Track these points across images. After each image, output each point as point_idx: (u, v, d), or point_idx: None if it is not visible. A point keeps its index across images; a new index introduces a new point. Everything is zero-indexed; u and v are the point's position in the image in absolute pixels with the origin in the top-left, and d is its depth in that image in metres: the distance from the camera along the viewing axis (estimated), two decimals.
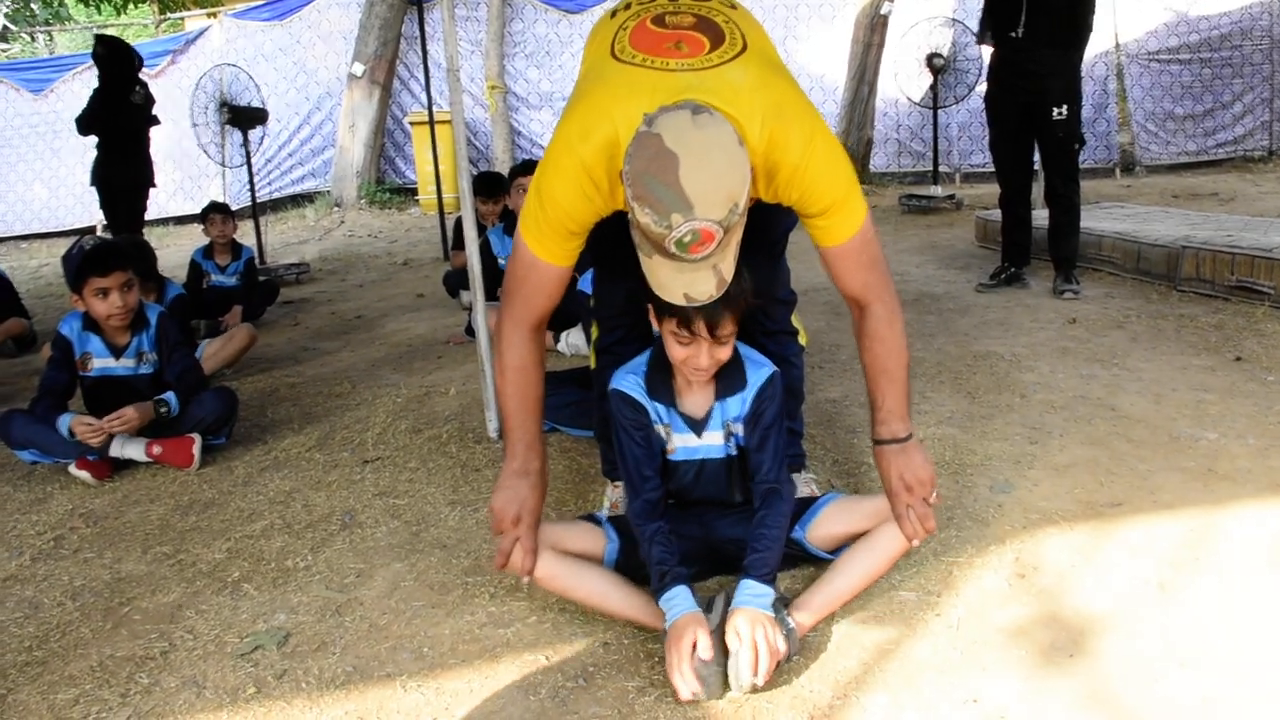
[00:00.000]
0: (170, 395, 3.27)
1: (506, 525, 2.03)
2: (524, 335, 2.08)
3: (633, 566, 2.09)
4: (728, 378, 2.08)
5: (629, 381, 2.12)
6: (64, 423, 3.14)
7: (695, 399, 2.11)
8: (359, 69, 10.87)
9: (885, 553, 2.05)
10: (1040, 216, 5.10)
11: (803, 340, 2.60)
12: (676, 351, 1.99)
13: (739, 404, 2.10)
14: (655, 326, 2.03)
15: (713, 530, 2.17)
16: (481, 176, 5.65)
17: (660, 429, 2.12)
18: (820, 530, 2.15)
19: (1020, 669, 1.82)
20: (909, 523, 1.99)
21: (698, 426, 2.12)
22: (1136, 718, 1.67)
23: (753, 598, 1.85)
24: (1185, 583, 2.08)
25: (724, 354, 2.00)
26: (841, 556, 2.08)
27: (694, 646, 1.76)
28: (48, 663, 2.07)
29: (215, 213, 5.88)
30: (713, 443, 2.13)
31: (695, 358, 1.96)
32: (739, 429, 2.11)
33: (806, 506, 2.19)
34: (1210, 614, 1.96)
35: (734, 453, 2.14)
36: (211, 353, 4.35)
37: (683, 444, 2.13)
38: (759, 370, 2.11)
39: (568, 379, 3.43)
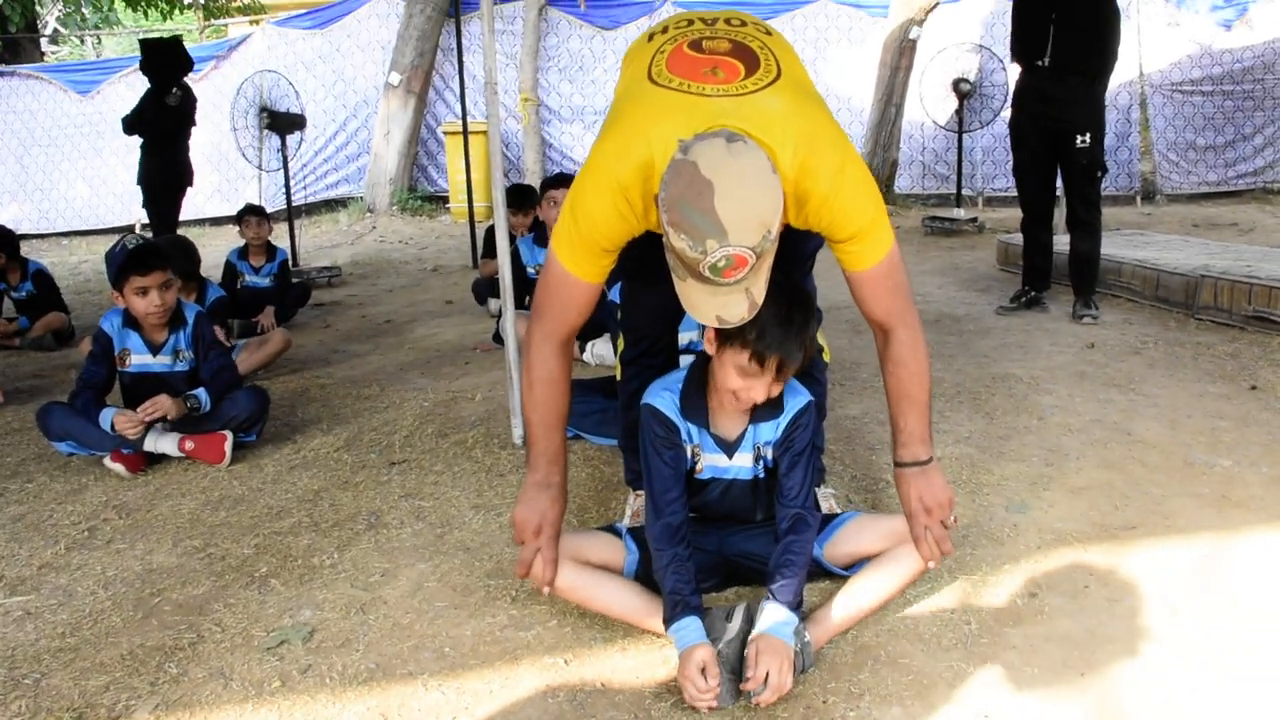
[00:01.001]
0: (201, 392, 3.34)
1: (528, 536, 2.06)
2: (553, 349, 2.11)
3: (653, 578, 2.11)
4: (766, 403, 2.07)
5: (664, 399, 2.13)
6: (106, 418, 3.22)
7: (730, 422, 2.13)
8: (396, 78, 11.00)
9: (901, 573, 2.08)
10: (1061, 242, 5.10)
11: (826, 357, 2.62)
12: (733, 381, 1.97)
13: (772, 429, 2.13)
14: (710, 350, 2.03)
15: (730, 545, 2.20)
16: (513, 188, 5.71)
17: (689, 448, 2.14)
18: (838, 548, 2.18)
19: (1032, 686, 1.84)
20: (926, 545, 2.02)
21: (729, 448, 2.14)
22: None
23: (777, 626, 1.88)
24: (1197, 607, 2.09)
25: (778, 390, 2.03)
26: (859, 574, 2.10)
27: (703, 672, 1.79)
28: (80, 649, 2.13)
29: (251, 214, 5.99)
30: (742, 464, 2.15)
31: (751, 390, 1.97)
32: (769, 451, 2.14)
33: (825, 523, 2.21)
34: (1221, 638, 1.96)
35: (762, 474, 2.16)
36: (246, 355, 4.42)
37: (712, 463, 2.15)
38: (796, 397, 2.13)
39: (593, 388, 3.47)
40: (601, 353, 4.32)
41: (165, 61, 6.57)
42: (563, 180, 4.81)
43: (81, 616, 2.27)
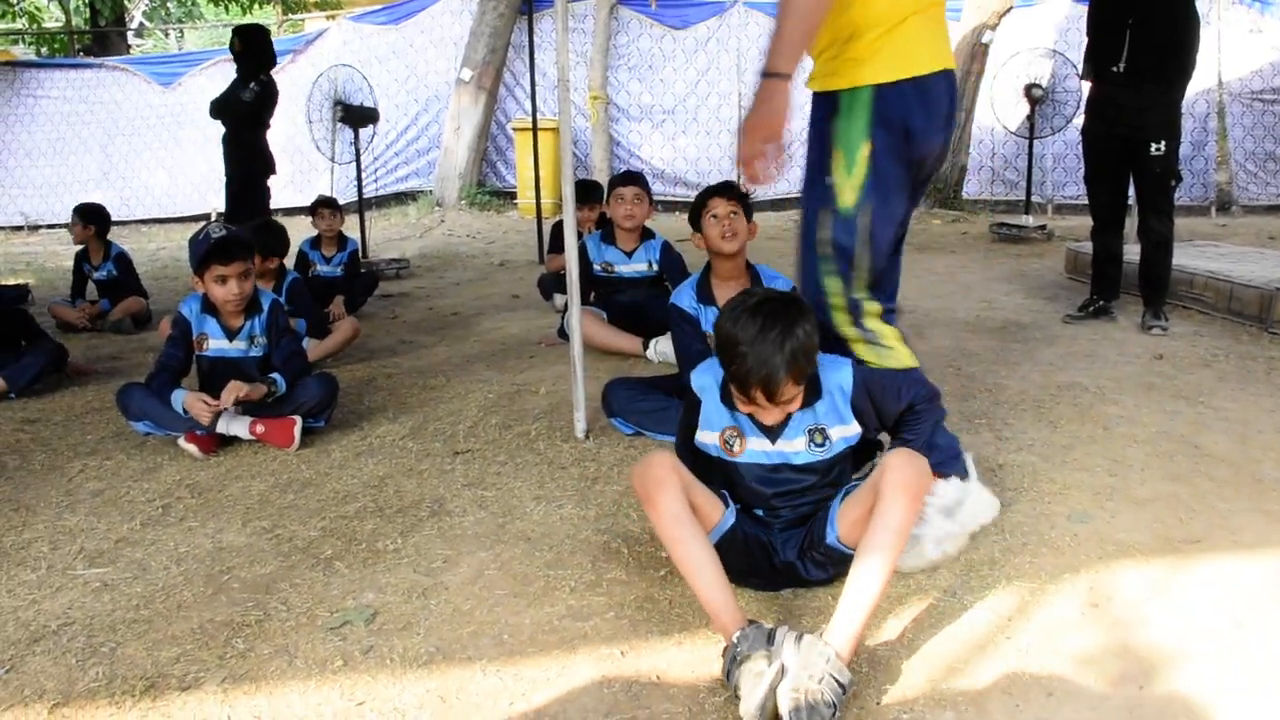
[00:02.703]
0: (278, 376, 3.43)
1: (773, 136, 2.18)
2: None
3: (730, 555, 2.10)
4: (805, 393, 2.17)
5: (708, 387, 2.26)
6: (178, 398, 3.32)
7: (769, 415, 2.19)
8: (467, 74, 11.13)
9: (886, 556, 1.92)
10: (1131, 251, 5.00)
11: (875, 360, 2.42)
12: (745, 407, 2.17)
13: (826, 410, 2.19)
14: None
15: (785, 553, 2.20)
16: (579, 184, 5.74)
17: (729, 431, 2.22)
18: (844, 529, 2.11)
19: (1088, 697, 1.81)
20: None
21: (772, 434, 2.19)
22: None
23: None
24: (1263, 622, 2.04)
25: (789, 406, 2.13)
26: (851, 574, 1.95)
27: None
28: (153, 621, 2.20)
29: (324, 206, 6.13)
30: (791, 449, 2.19)
31: (758, 413, 2.14)
32: (838, 432, 2.19)
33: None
34: None
35: (818, 457, 2.19)
36: (316, 343, 4.52)
37: (758, 448, 2.20)
38: (835, 371, 2.21)
39: (655, 385, 3.49)
40: (664, 350, 4.33)
41: (252, 54, 6.69)
42: (631, 178, 4.80)
43: (155, 590, 2.35)
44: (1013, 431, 3.28)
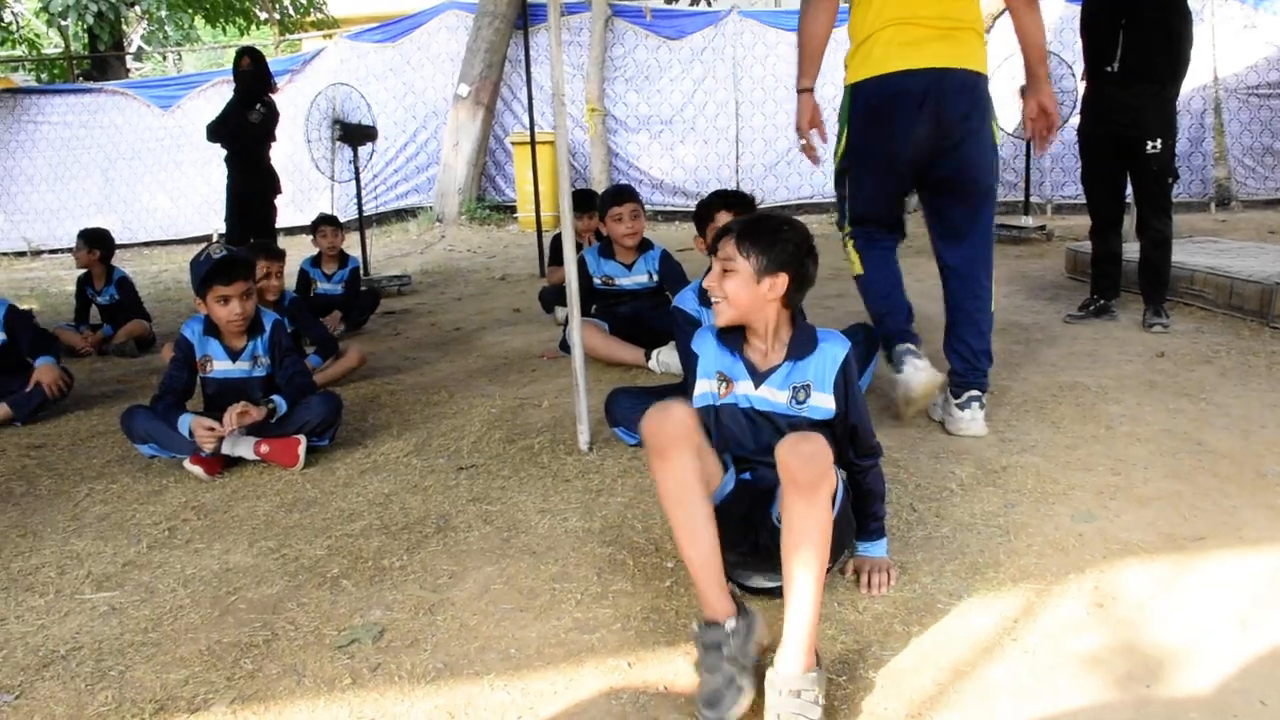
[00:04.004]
0: (278, 398, 3.44)
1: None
2: None
3: (725, 523, 2.02)
4: (798, 339, 2.23)
5: (705, 339, 2.35)
6: (184, 423, 3.33)
7: (757, 354, 2.27)
8: (464, 90, 11.18)
9: (804, 551, 1.84)
10: (1131, 249, 5.00)
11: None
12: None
13: (814, 370, 2.21)
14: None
15: (759, 513, 2.13)
16: (576, 193, 5.76)
17: (720, 377, 2.29)
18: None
19: (1095, 697, 1.81)
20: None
21: (757, 378, 2.24)
22: None
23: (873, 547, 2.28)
24: (1268, 619, 2.04)
25: (731, 282, 2.18)
26: (784, 587, 1.88)
27: None
28: (161, 644, 2.20)
29: (325, 224, 6.16)
30: (773, 397, 2.23)
31: (714, 274, 2.23)
32: (818, 398, 2.20)
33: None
34: None
35: (796, 414, 2.20)
36: (321, 369, 4.53)
37: (742, 391, 2.25)
38: (833, 344, 2.24)
39: (658, 395, 3.49)
40: (667, 360, 4.34)
41: (264, 71, 6.74)
42: (624, 196, 4.73)
43: (163, 612, 2.36)
44: (1016, 433, 3.28)
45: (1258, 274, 4.81)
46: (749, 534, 2.15)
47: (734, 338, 2.28)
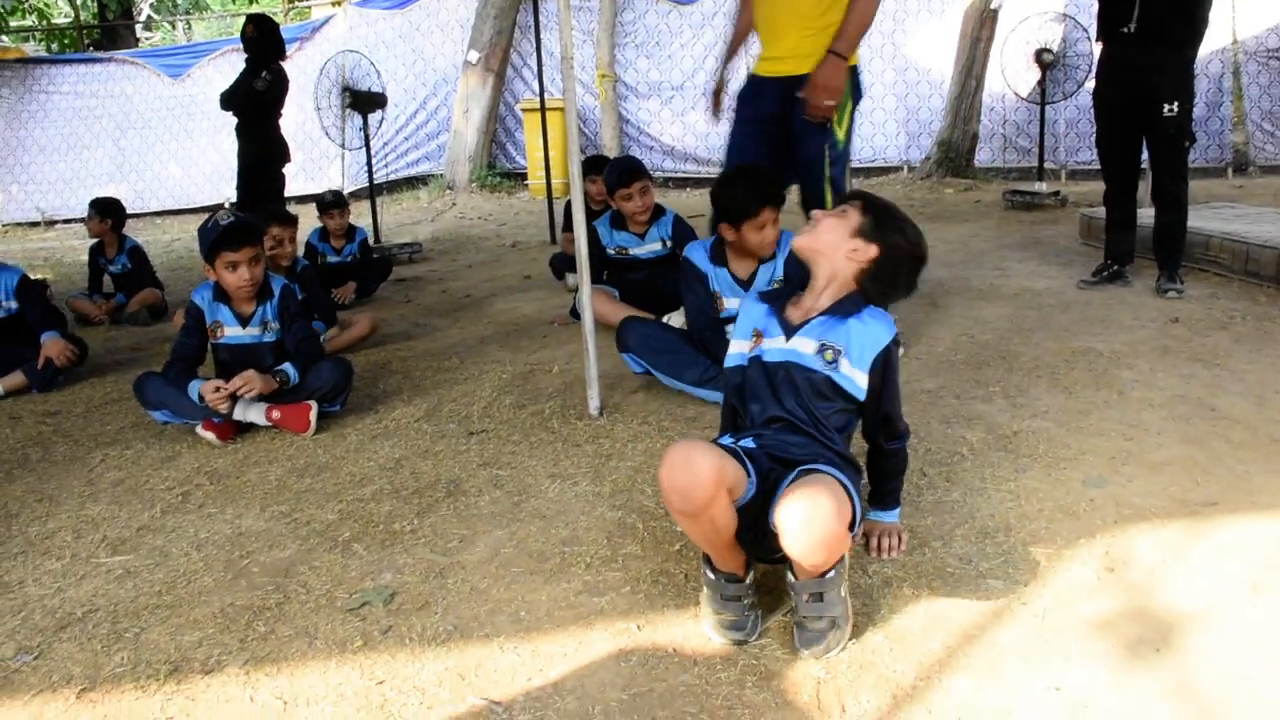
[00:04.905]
0: (289, 366, 3.45)
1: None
2: None
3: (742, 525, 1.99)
4: (838, 302, 2.16)
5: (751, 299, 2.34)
6: (194, 388, 3.34)
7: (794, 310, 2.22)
8: (474, 56, 11.10)
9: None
10: (1146, 215, 4.94)
11: None
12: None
13: (845, 335, 2.12)
14: None
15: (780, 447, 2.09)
16: (589, 159, 5.75)
17: (754, 334, 2.24)
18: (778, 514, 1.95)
19: (1105, 660, 1.81)
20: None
21: (790, 330, 2.16)
22: (1222, 714, 1.64)
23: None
24: (1279, 584, 2.03)
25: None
26: None
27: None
28: (175, 607, 2.22)
29: (333, 207, 6.07)
30: (803, 349, 2.13)
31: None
32: (848, 368, 2.09)
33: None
34: None
35: (821, 370, 2.10)
36: (332, 336, 4.53)
37: (772, 345, 2.17)
38: (879, 322, 2.15)
39: (674, 332, 3.57)
40: (679, 326, 4.32)
41: (265, 43, 6.68)
42: (632, 175, 4.55)
43: (176, 576, 2.38)
44: (1028, 398, 3.26)
45: (1274, 240, 4.74)
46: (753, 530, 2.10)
47: (778, 298, 2.25)
